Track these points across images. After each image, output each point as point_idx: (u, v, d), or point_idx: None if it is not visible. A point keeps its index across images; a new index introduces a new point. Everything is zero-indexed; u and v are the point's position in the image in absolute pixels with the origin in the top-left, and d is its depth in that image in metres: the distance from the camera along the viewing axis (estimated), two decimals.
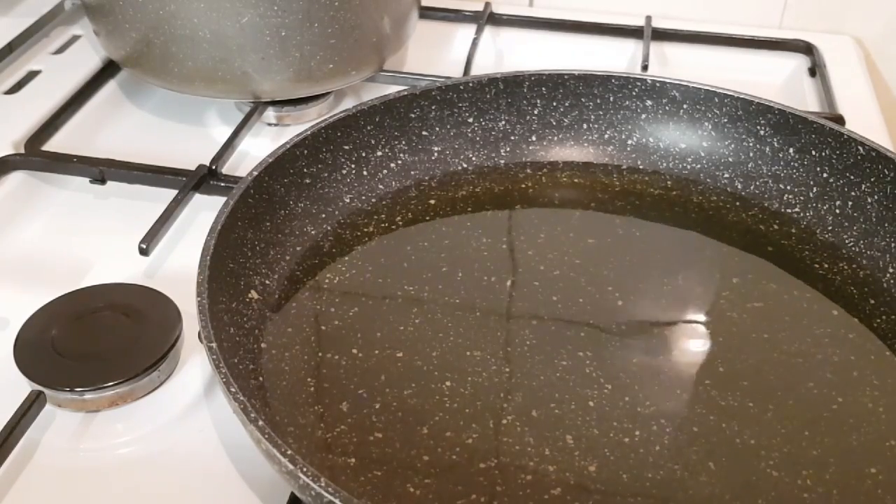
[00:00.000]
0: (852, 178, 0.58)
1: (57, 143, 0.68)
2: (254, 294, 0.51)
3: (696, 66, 0.80)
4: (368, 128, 0.61)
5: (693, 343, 0.51)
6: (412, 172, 0.62)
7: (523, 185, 0.62)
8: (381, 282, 0.54)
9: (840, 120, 0.68)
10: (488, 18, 0.85)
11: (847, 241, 0.57)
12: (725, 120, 0.62)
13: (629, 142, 0.64)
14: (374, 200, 0.60)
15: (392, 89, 0.63)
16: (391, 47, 0.73)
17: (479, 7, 0.86)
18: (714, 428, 0.46)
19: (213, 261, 0.47)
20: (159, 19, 0.64)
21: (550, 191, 0.62)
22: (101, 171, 0.63)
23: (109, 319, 0.51)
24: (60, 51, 0.78)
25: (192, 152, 0.65)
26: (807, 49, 0.82)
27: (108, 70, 0.75)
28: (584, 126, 0.65)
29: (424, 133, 0.63)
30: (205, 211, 0.61)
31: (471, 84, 0.63)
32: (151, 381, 0.49)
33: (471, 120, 0.64)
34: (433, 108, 0.63)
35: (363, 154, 0.60)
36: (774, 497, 0.43)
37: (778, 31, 0.86)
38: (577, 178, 0.63)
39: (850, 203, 0.58)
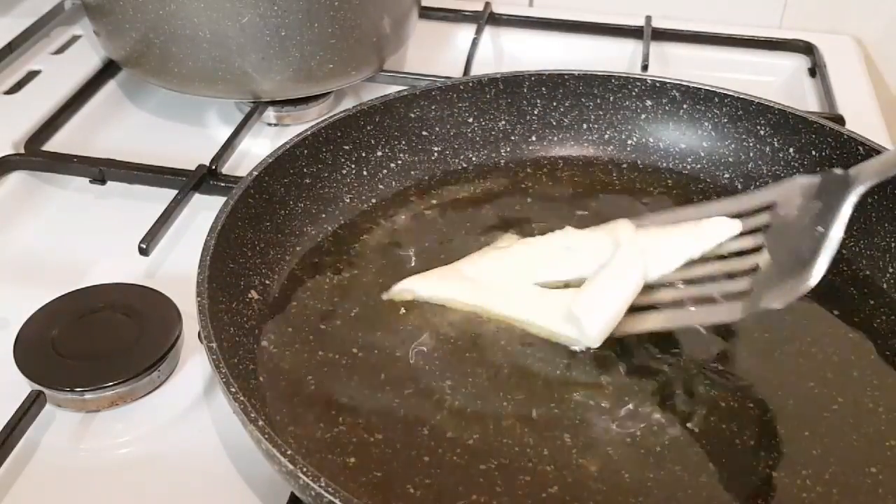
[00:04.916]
0: None
1: (57, 143, 0.68)
2: (254, 294, 0.51)
3: (696, 66, 0.80)
4: (368, 128, 0.61)
5: (692, 343, 0.51)
6: (412, 172, 0.62)
7: (523, 185, 0.62)
8: (381, 282, 0.54)
9: (840, 120, 0.68)
10: (488, 18, 0.85)
11: (847, 241, 0.57)
12: (725, 120, 0.62)
13: (629, 142, 0.64)
14: (374, 200, 0.60)
15: (392, 89, 0.63)
16: (391, 47, 0.73)
17: (479, 7, 0.86)
18: (714, 428, 0.46)
19: (213, 261, 0.47)
20: (159, 19, 0.64)
21: (550, 191, 0.62)
22: (101, 171, 0.64)
23: (109, 319, 0.51)
24: (60, 51, 0.78)
25: (192, 152, 0.65)
26: (807, 49, 0.82)
27: (108, 70, 0.76)
28: (584, 126, 0.65)
29: (424, 133, 0.63)
30: (205, 211, 0.61)
31: (471, 84, 0.63)
32: (151, 381, 0.49)
33: (471, 120, 0.64)
34: (433, 108, 0.63)
35: (363, 154, 0.60)
36: (774, 497, 0.43)
37: (778, 31, 0.86)
38: (577, 177, 0.63)
39: None
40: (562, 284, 0.52)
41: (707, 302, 0.48)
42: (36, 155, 0.65)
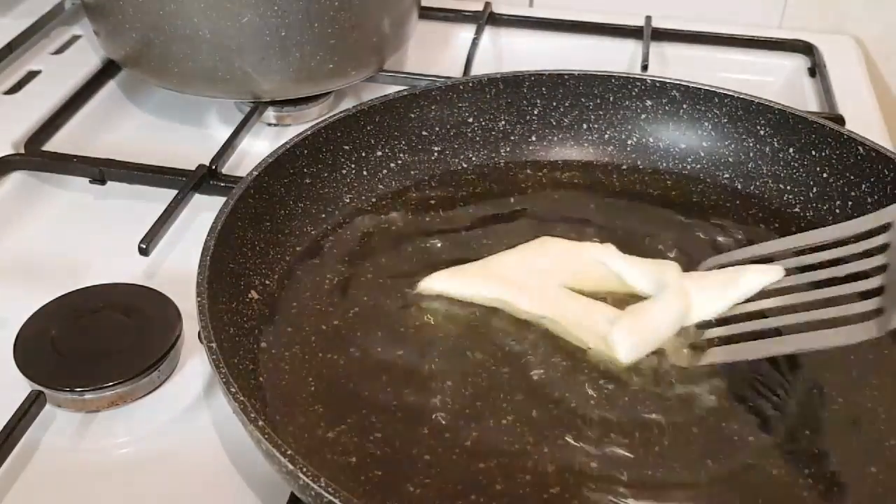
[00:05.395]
0: (852, 178, 0.58)
1: (57, 143, 0.68)
2: (254, 294, 0.51)
3: (696, 66, 0.80)
4: (368, 128, 0.61)
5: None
6: (412, 172, 0.62)
7: (523, 185, 0.62)
8: (381, 282, 0.54)
9: (840, 120, 0.68)
10: (488, 18, 0.85)
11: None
12: (725, 120, 0.62)
13: (629, 142, 0.64)
14: (374, 200, 0.60)
15: (392, 89, 0.63)
16: (391, 47, 0.73)
17: (479, 7, 0.86)
18: (714, 428, 0.46)
19: (213, 261, 0.47)
20: (159, 19, 0.64)
21: (550, 191, 0.62)
22: (101, 171, 0.64)
23: (109, 319, 0.51)
24: (60, 51, 0.78)
25: (192, 152, 0.65)
26: (807, 49, 0.82)
27: (108, 70, 0.76)
28: (584, 126, 0.65)
29: (424, 133, 0.63)
30: (205, 211, 0.61)
31: (471, 84, 0.63)
32: (151, 381, 0.49)
33: (471, 120, 0.64)
34: (433, 108, 0.63)
35: (363, 154, 0.60)
36: (774, 496, 0.43)
37: (778, 31, 0.86)
38: (577, 178, 0.63)
39: (850, 203, 0.58)
40: (589, 293, 0.52)
41: (836, 323, 0.47)
42: (36, 155, 0.65)
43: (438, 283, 0.53)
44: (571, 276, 0.53)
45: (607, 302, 0.52)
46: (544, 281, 0.52)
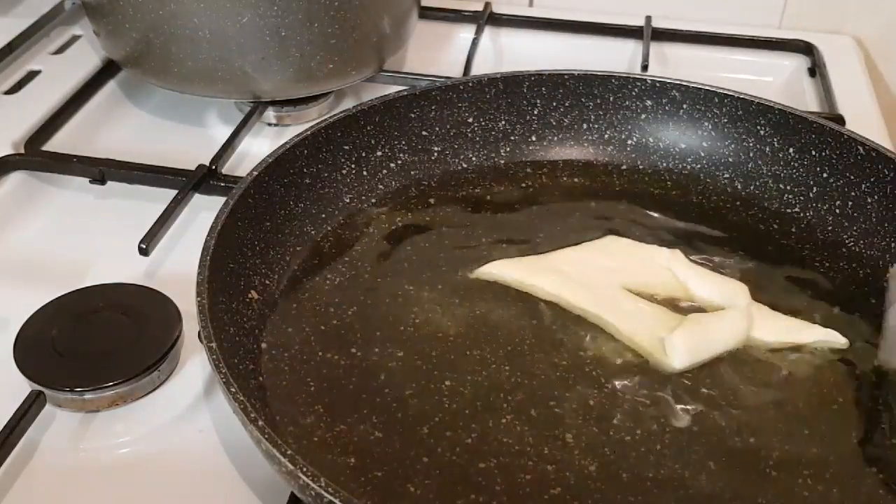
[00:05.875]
0: (852, 178, 0.58)
1: (57, 143, 0.68)
2: (254, 294, 0.51)
3: (696, 66, 0.80)
4: (368, 128, 0.61)
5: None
6: (412, 172, 0.62)
7: (523, 185, 0.62)
8: (381, 282, 0.54)
9: (840, 120, 0.68)
10: (488, 18, 0.85)
11: (847, 241, 0.57)
12: (725, 120, 0.62)
13: (629, 142, 0.64)
14: (374, 200, 0.60)
15: (392, 89, 0.63)
16: (391, 47, 0.73)
17: (479, 7, 0.86)
18: (714, 428, 0.46)
19: (213, 261, 0.47)
20: (159, 19, 0.64)
21: (550, 191, 0.62)
22: (101, 171, 0.64)
23: (109, 319, 0.51)
24: (60, 51, 0.78)
25: (192, 152, 0.65)
26: (807, 49, 0.82)
27: (108, 70, 0.76)
28: (584, 126, 0.65)
29: (424, 133, 0.63)
30: (205, 211, 0.61)
31: (471, 84, 0.63)
32: (151, 381, 0.49)
33: (471, 120, 0.64)
34: (433, 108, 0.63)
35: (363, 154, 0.60)
36: (774, 496, 0.43)
37: (778, 31, 0.86)
38: (577, 178, 0.63)
39: (850, 203, 0.58)
40: (647, 297, 0.53)
41: None
42: (36, 155, 0.65)
43: (498, 269, 0.54)
44: (633, 278, 0.53)
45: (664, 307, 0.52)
46: (605, 280, 0.53)
